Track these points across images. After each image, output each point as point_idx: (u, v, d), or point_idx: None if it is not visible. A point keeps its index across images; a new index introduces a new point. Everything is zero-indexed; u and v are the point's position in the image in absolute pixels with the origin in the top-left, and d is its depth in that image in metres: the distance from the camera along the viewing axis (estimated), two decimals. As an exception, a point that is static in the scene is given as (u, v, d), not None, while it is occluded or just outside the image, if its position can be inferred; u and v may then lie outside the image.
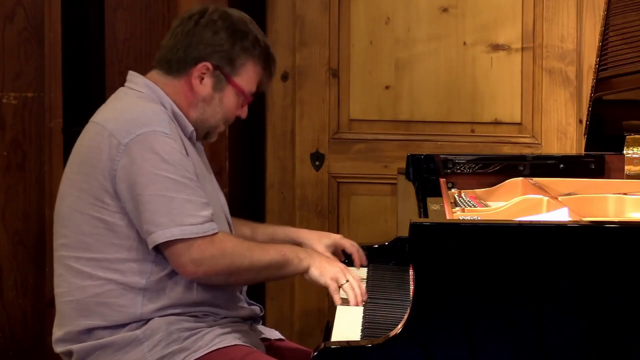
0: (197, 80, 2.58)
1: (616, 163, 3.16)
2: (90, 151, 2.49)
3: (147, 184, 2.41)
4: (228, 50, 2.58)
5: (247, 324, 2.63)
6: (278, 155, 4.12)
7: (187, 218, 2.41)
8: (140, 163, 2.42)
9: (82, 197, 2.49)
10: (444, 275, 2.05)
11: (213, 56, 2.57)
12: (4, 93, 3.73)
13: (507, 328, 2.05)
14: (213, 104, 2.60)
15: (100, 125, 2.51)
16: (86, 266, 2.49)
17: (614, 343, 2.05)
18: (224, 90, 2.60)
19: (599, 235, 2.05)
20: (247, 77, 2.61)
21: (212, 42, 2.57)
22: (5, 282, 3.76)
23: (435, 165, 3.23)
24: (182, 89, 2.59)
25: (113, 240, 2.47)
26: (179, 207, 2.41)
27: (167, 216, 2.40)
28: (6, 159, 3.75)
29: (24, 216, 3.76)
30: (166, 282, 2.48)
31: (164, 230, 2.40)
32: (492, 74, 3.97)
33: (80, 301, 2.49)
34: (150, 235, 2.41)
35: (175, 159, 2.44)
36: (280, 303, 4.11)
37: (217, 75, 2.58)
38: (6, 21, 3.72)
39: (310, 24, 4.04)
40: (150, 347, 2.45)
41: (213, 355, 2.46)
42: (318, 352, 2.10)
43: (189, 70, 2.58)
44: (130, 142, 2.43)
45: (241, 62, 2.59)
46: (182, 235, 2.40)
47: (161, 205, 2.40)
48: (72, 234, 2.51)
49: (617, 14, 3.21)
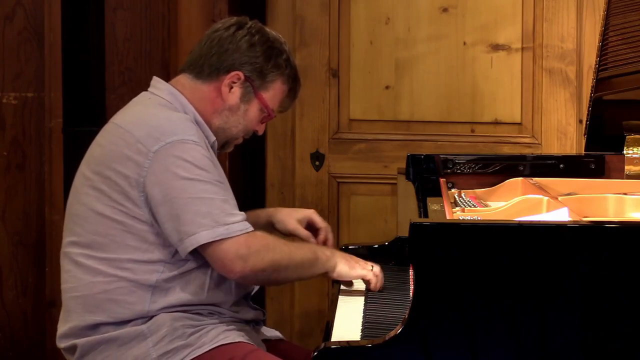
0: (227, 88, 2.60)
1: (616, 163, 3.16)
2: (112, 154, 2.50)
3: (183, 187, 2.43)
4: (261, 65, 2.61)
5: (249, 325, 2.64)
6: (278, 155, 4.12)
7: (229, 217, 2.44)
8: (173, 169, 2.44)
9: (100, 198, 2.50)
10: (444, 275, 2.05)
11: (246, 67, 2.60)
12: (4, 93, 3.73)
13: (507, 328, 2.05)
14: (237, 114, 2.62)
15: (123, 130, 2.51)
16: (97, 264, 2.50)
17: (614, 343, 2.05)
18: (251, 102, 2.62)
19: (599, 235, 2.05)
20: (274, 94, 2.65)
21: (248, 53, 2.60)
22: (5, 282, 3.76)
23: (435, 165, 3.23)
24: (209, 94, 2.61)
25: (128, 242, 2.48)
26: (219, 207, 2.44)
27: (208, 216, 2.42)
28: (6, 159, 3.75)
29: (24, 216, 3.77)
30: (176, 281, 2.49)
31: (209, 231, 2.41)
32: (492, 74, 3.98)
33: (87, 297, 2.50)
34: (192, 237, 2.42)
35: (206, 164, 2.47)
36: (280, 303, 4.11)
37: (247, 87, 2.61)
38: (6, 21, 3.72)
39: (310, 24, 4.04)
40: (154, 342, 2.46)
41: (216, 351, 2.47)
42: (318, 352, 2.10)
43: (220, 76, 2.60)
44: (159, 149, 2.44)
45: (271, 79, 2.63)
46: (227, 234, 2.42)
47: (201, 206, 2.42)
48: (86, 233, 2.52)
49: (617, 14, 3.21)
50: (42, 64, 3.72)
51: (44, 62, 3.71)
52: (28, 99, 3.74)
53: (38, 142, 3.74)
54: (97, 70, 3.80)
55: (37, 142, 3.74)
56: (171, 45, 3.80)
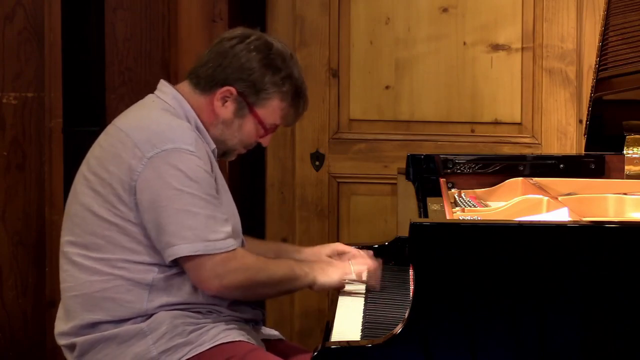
0: (219, 102, 2.59)
1: (616, 163, 3.16)
2: (111, 156, 2.51)
3: (172, 198, 2.43)
4: (255, 81, 2.58)
5: (249, 325, 2.64)
6: (278, 155, 4.12)
7: (211, 234, 2.44)
8: (165, 178, 2.44)
9: (97, 199, 2.51)
10: (444, 275, 2.05)
11: (239, 83, 2.58)
12: (4, 93, 3.73)
13: (507, 328, 2.05)
14: (232, 128, 2.62)
15: (123, 133, 2.52)
16: (94, 263, 2.51)
17: (614, 343, 2.04)
18: (245, 117, 2.61)
19: (599, 235, 2.05)
20: (271, 111, 2.62)
21: (242, 69, 2.58)
22: (5, 282, 3.76)
23: (435, 165, 3.23)
24: (205, 106, 2.60)
25: (124, 244, 2.49)
26: (203, 223, 2.44)
27: (191, 230, 2.43)
28: (6, 159, 3.75)
29: (24, 216, 3.76)
30: (173, 280, 2.50)
31: (189, 245, 2.42)
32: (492, 74, 3.98)
33: (86, 296, 2.51)
34: (172, 248, 2.43)
35: (199, 177, 2.46)
36: (280, 303, 4.11)
37: (240, 102, 2.59)
38: (6, 21, 3.72)
39: (310, 24, 4.04)
40: (154, 340, 2.47)
41: (216, 349, 2.47)
42: (318, 352, 2.10)
43: (214, 90, 2.59)
44: (154, 156, 2.45)
45: (267, 95, 2.60)
46: (205, 251, 2.43)
47: (186, 219, 2.43)
48: (83, 234, 2.52)
49: (617, 14, 3.21)
50: (42, 64, 3.72)
51: (44, 62, 3.71)
52: (28, 99, 3.74)
53: (38, 142, 3.74)
54: (97, 70, 3.80)
55: (37, 142, 3.74)
56: (171, 45, 3.79)
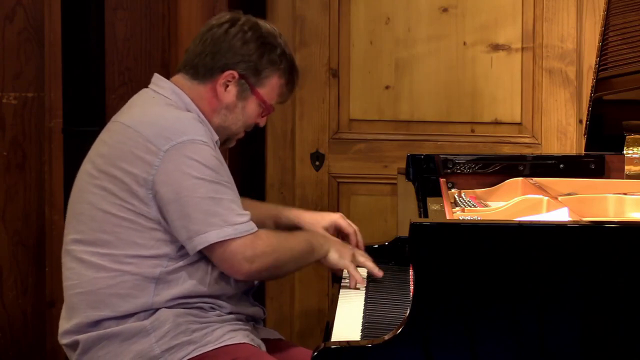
0: (222, 88, 2.62)
1: (616, 163, 3.16)
2: (120, 153, 2.52)
3: (194, 187, 2.46)
4: (255, 62, 2.62)
5: (250, 324, 2.64)
6: (278, 155, 4.12)
7: (237, 217, 2.48)
8: (184, 169, 2.46)
9: (107, 197, 2.51)
10: (444, 275, 2.05)
11: (240, 65, 2.62)
12: (4, 93, 3.73)
13: (507, 328, 2.05)
14: (236, 112, 2.65)
15: (132, 129, 2.53)
16: (101, 260, 2.51)
17: (614, 343, 2.04)
18: (248, 99, 2.64)
19: (599, 235, 2.05)
20: (271, 89, 2.66)
21: (241, 51, 2.61)
22: (5, 282, 3.76)
23: (435, 165, 3.23)
24: (206, 94, 2.62)
25: (134, 239, 2.50)
26: (228, 208, 2.48)
27: (217, 217, 2.46)
28: (6, 159, 3.75)
29: (24, 216, 3.77)
30: (179, 273, 2.51)
31: (218, 230, 2.45)
32: (492, 74, 3.97)
33: (91, 293, 2.51)
34: (201, 236, 2.45)
35: (215, 165, 2.50)
36: (280, 303, 4.11)
37: (242, 85, 2.63)
38: (6, 21, 3.72)
39: (310, 24, 4.04)
40: (158, 338, 2.47)
41: (220, 351, 2.48)
42: (318, 352, 2.10)
43: (215, 77, 2.62)
44: (170, 149, 2.47)
45: (266, 74, 2.64)
46: (234, 234, 2.46)
47: (211, 206, 2.46)
48: (91, 231, 2.53)
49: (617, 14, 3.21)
50: (42, 64, 3.72)
51: (44, 62, 3.71)
52: (28, 99, 3.74)
53: (38, 142, 3.74)
54: (97, 70, 3.80)
55: (37, 142, 3.74)
56: (171, 45, 3.80)
